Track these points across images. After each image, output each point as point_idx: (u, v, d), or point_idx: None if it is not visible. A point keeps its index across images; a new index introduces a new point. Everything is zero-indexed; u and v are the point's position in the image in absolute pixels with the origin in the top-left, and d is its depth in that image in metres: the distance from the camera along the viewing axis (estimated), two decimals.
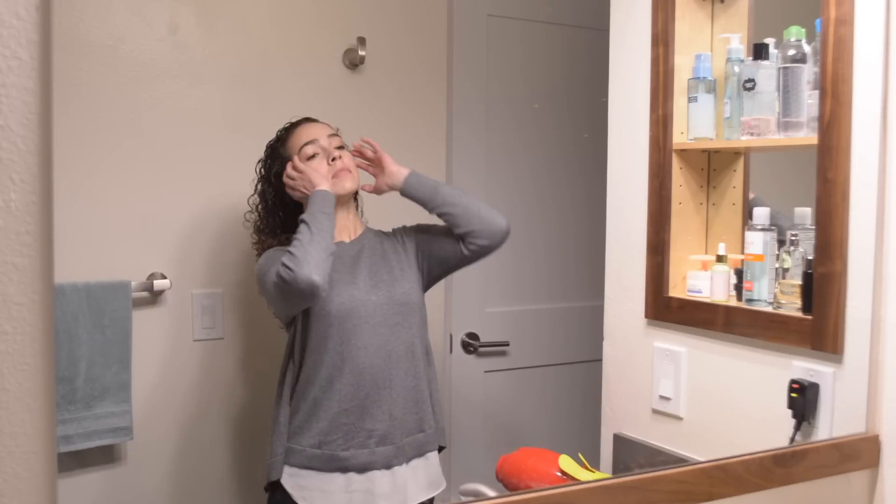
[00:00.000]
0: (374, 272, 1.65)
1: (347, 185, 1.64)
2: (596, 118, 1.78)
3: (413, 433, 1.63)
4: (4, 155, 0.76)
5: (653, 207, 1.63)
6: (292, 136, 1.66)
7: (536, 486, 1.43)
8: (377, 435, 1.58)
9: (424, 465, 1.65)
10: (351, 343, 1.58)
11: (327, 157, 1.63)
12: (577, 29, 2.31)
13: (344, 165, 1.63)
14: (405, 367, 1.62)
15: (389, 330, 1.61)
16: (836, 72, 1.34)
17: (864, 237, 1.33)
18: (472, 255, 1.65)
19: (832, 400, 1.37)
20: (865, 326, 1.33)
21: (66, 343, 1.66)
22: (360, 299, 1.61)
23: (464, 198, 1.66)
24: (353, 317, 1.59)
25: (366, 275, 1.64)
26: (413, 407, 1.63)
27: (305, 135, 1.65)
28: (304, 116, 1.70)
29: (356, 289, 1.61)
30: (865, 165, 1.32)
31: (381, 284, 1.63)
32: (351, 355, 1.58)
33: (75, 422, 1.68)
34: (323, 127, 1.67)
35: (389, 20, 2.07)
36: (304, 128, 1.66)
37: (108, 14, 1.74)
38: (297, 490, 1.58)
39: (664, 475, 1.17)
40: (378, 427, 1.58)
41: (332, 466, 1.57)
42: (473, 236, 1.64)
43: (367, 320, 1.60)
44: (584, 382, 2.00)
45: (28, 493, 0.78)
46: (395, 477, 1.60)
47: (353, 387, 1.58)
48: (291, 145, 1.65)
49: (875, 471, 1.35)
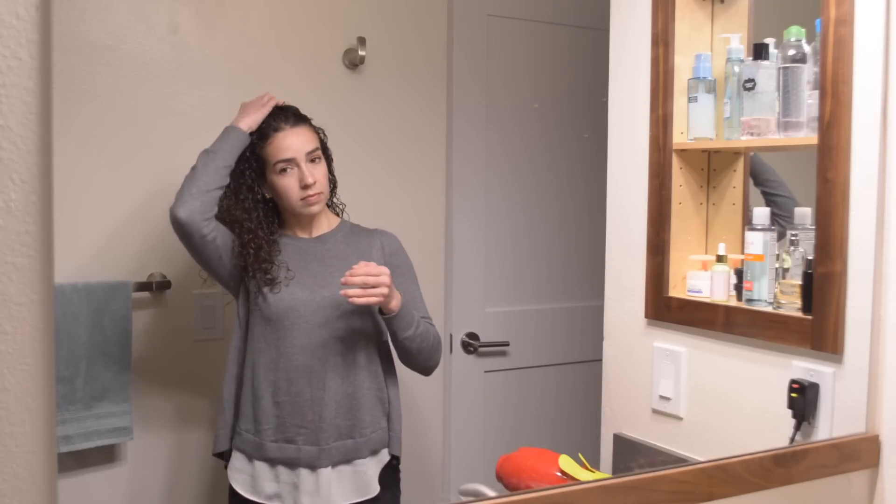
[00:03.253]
0: (328, 272, 1.64)
1: (315, 209, 1.65)
2: (596, 118, 1.78)
3: (342, 438, 1.63)
4: (4, 155, 0.76)
5: (653, 207, 1.63)
6: (272, 141, 1.62)
7: (536, 486, 1.43)
8: (305, 434, 1.60)
9: (351, 472, 1.65)
10: (287, 341, 1.60)
11: (300, 179, 1.61)
12: (577, 29, 2.31)
13: (315, 192, 1.62)
14: (342, 373, 1.63)
15: (329, 333, 1.62)
16: (836, 72, 1.33)
17: (864, 237, 1.33)
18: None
19: (832, 400, 1.36)
20: (865, 326, 1.33)
21: (66, 343, 1.66)
22: (302, 299, 1.61)
23: (425, 342, 1.67)
24: (290, 315, 1.60)
25: (317, 273, 1.64)
26: (346, 413, 1.63)
27: (285, 150, 1.62)
28: (290, 110, 1.66)
29: (300, 287, 1.62)
30: (865, 165, 1.32)
31: (331, 283, 1.61)
32: (286, 352, 1.60)
33: (75, 422, 1.68)
34: (304, 139, 1.64)
35: (389, 20, 2.07)
36: (285, 138, 1.63)
37: (108, 14, 1.75)
38: (232, 472, 1.65)
39: (664, 475, 1.17)
40: (306, 426, 1.60)
41: (262, 455, 1.62)
42: (402, 360, 1.70)
43: (308, 320, 1.61)
44: (584, 382, 2.00)
45: (28, 493, 0.78)
46: (319, 478, 1.61)
47: (286, 382, 1.60)
48: (268, 153, 1.62)
49: (875, 471, 1.35)
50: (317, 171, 1.63)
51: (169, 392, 1.84)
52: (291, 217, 1.68)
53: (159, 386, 1.83)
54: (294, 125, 1.64)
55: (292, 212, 1.66)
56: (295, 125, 1.64)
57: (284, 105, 1.66)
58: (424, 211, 2.14)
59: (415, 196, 2.11)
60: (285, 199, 1.63)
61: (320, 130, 1.69)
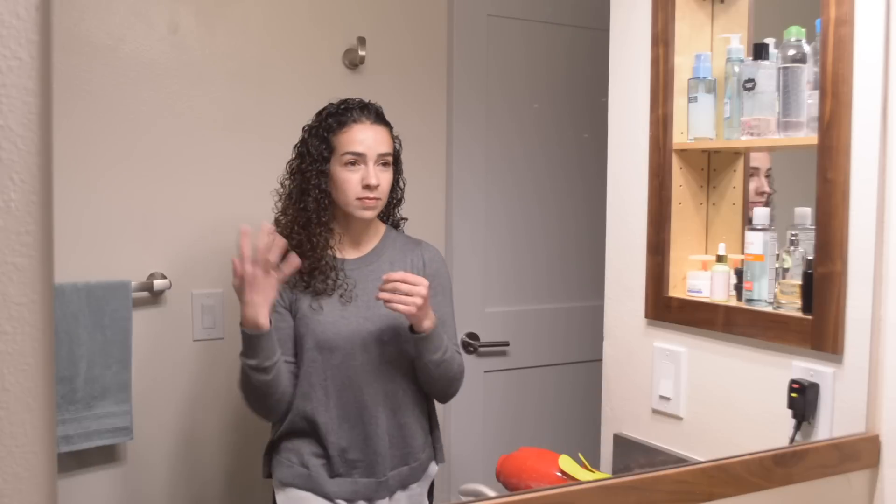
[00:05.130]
0: (373, 299, 1.54)
1: (368, 214, 1.57)
2: (596, 118, 1.78)
3: (397, 467, 1.60)
4: (4, 155, 0.76)
5: (653, 207, 1.63)
6: (348, 131, 1.56)
7: (536, 486, 1.43)
8: (361, 467, 1.57)
9: (407, 498, 1.62)
10: (336, 380, 1.55)
11: (364, 178, 1.54)
12: (577, 29, 2.31)
13: (375, 196, 1.56)
14: (393, 406, 1.59)
15: (378, 369, 1.57)
16: (836, 72, 1.33)
17: (864, 237, 1.33)
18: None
19: (832, 400, 1.36)
20: (865, 326, 1.33)
21: (66, 343, 1.66)
22: (347, 334, 1.55)
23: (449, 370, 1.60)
24: (338, 353, 1.55)
25: (364, 300, 1.57)
26: (399, 442, 1.60)
27: (359, 143, 1.55)
28: (374, 107, 1.60)
29: (346, 321, 1.55)
30: (865, 165, 1.32)
31: (376, 316, 1.56)
32: (335, 392, 1.55)
33: (75, 422, 1.67)
34: (381, 140, 1.58)
35: (389, 20, 2.07)
36: (362, 131, 1.57)
37: (108, 14, 1.74)
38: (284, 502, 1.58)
39: (664, 475, 1.17)
40: (363, 460, 1.56)
41: (319, 491, 1.56)
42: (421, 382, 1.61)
43: (355, 357, 1.55)
44: (584, 382, 2.00)
45: (28, 493, 0.78)
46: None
47: (338, 420, 1.55)
48: (340, 141, 1.56)
49: (875, 471, 1.35)
50: (382, 176, 1.57)
51: (169, 392, 1.84)
52: (341, 218, 1.60)
53: (159, 386, 1.83)
54: (374, 122, 1.59)
55: (345, 209, 1.57)
56: (375, 122, 1.59)
57: (370, 102, 1.61)
58: (424, 211, 2.13)
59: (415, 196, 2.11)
60: (342, 193, 1.55)
61: (398, 139, 1.64)
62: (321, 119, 1.59)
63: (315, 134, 1.58)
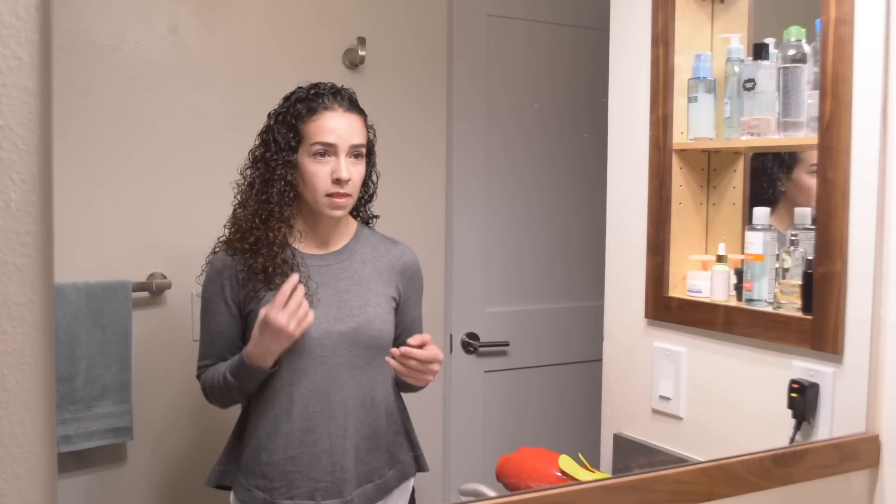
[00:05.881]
0: (344, 298, 1.45)
1: (337, 213, 1.45)
2: (596, 118, 1.78)
3: (362, 484, 1.46)
4: (4, 155, 0.76)
5: (653, 207, 1.63)
6: (318, 118, 1.43)
7: (536, 486, 1.43)
8: (323, 487, 1.43)
9: None
10: (302, 385, 1.42)
11: (334, 171, 1.42)
12: (577, 29, 2.31)
13: (346, 192, 1.43)
14: (362, 416, 1.46)
15: (349, 373, 1.44)
16: (836, 72, 1.33)
17: (864, 237, 1.33)
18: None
19: (832, 400, 1.36)
20: (865, 326, 1.33)
21: (66, 343, 1.66)
22: (316, 337, 1.41)
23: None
24: (305, 356, 1.41)
25: (332, 302, 1.45)
26: (366, 457, 1.46)
27: (329, 132, 1.43)
28: (347, 92, 1.49)
29: (316, 320, 1.40)
30: (865, 165, 1.32)
31: (348, 316, 1.44)
32: (301, 398, 1.42)
33: (75, 422, 1.67)
34: (354, 129, 1.45)
35: (389, 20, 2.07)
36: (334, 119, 1.44)
37: (108, 14, 1.74)
38: None
39: (664, 475, 1.17)
40: (326, 479, 1.43)
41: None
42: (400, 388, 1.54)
43: (324, 361, 1.42)
44: (584, 382, 2.00)
45: (28, 493, 0.78)
46: None
47: (300, 432, 1.42)
48: (309, 129, 1.43)
49: (875, 471, 1.35)
50: (354, 169, 1.44)
51: (169, 392, 1.84)
52: (308, 215, 1.48)
53: (159, 386, 1.82)
54: (347, 110, 1.45)
55: (313, 205, 1.45)
56: (348, 110, 1.45)
57: (343, 87, 1.49)
58: (424, 211, 2.13)
59: (415, 196, 2.11)
60: (310, 187, 1.43)
61: (372, 129, 1.52)
62: (289, 104, 1.46)
63: (282, 121, 1.45)
